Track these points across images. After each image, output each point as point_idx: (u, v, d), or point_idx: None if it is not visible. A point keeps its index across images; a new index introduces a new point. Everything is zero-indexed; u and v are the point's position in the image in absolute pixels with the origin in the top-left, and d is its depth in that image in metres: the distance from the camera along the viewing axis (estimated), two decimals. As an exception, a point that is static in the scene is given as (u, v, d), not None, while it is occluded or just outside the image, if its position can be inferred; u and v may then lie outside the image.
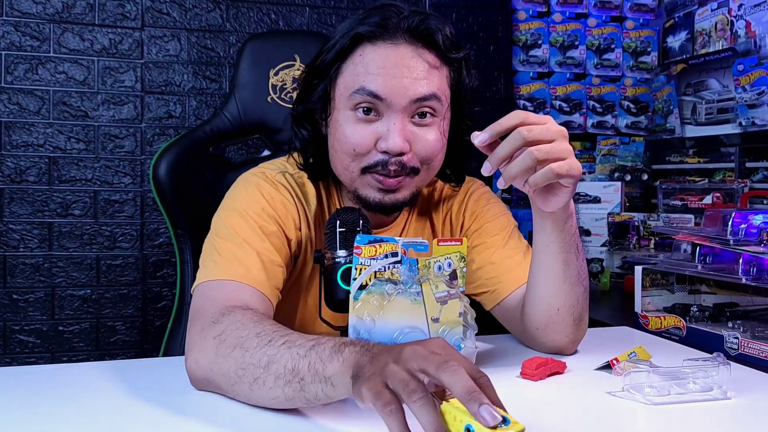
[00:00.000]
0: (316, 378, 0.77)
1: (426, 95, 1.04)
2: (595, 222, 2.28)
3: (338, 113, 1.07)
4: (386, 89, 1.03)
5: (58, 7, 2.07)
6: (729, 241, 1.24)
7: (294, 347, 0.80)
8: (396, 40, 1.04)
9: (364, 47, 1.05)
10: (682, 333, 1.32)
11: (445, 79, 1.09)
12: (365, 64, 1.04)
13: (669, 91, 2.45)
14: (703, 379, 0.91)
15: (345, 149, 1.06)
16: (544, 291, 1.05)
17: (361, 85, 1.03)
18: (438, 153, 1.09)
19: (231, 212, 1.09)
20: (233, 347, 0.85)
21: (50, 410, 0.85)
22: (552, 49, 2.60)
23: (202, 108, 2.19)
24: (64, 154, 2.09)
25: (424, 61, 1.05)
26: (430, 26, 1.05)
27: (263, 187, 1.11)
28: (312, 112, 1.13)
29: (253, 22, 2.23)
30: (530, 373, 0.97)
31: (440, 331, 0.97)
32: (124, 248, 2.14)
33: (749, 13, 2.21)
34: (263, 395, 0.82)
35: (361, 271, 0.97)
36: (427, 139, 1.06)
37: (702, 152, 2.39)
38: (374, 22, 1.05)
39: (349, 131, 1.05)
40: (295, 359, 0.79)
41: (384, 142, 1.03)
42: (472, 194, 1.25)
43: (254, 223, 1.05)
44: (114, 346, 2.13)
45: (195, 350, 0.90)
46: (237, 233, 1.04)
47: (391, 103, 1.03)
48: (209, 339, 0.88)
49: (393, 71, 1.03)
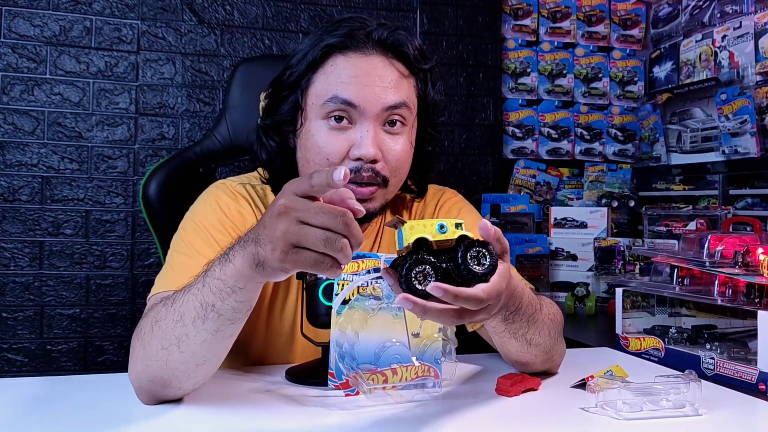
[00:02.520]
0: (223, 294, 0.81)
1: (397, 103, 1.07)
2: (582, 247, 2.30)
3: (310, 123, 1.09)
4: (359, 97, 1.05)
5: (56, 30, 2.11)
6: (705, 263, 1.27)
7: (192, 288, 0.85)
8: (367, 50, 1.08)
9: (336, 57, 1.08)
10: (661, 354, 1.34)
11: (413, 89, 1.12)
12: (337, 74, 1.07)
13: (655, 119, 2.50)
14: (675, 396, 0.93)
15: (318, 159, 1.08)
16: (507, 353, 1.07)
17: (333, 94, 1.06)
18: (406, 162, 1.12)
19: (188, 225, 1.12)
20: (151, 329, 0.89)
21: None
22: (540, 77, 2.65)
23: (195, 130, 2.22)
24: (57, 174, 2.11)
25: (395, 69, 1.08)
26: (399, 38, 1.09)
27: (221, 198, 1.14)
28: (280, 124, 1.15)
29: (246, 47, 2.27)
30: (505, 389, 0.98)
31: (421, 345, 0.99)
32: (114, 268, 2.15)
33: (732, 44, 2.26)
34: (195, 349, 0.85)
35: (343, 287, 0.99)
36: (396, 148, 1.09)
37: (687, 180, 2.43)
38: (344, 33, 1.08)
39: (321, 140, 1.07)
40: (198, 295, 0.83)
41: (357, 149, 1.05)
42: (444, 204, 1.27)
43: (208, 235, 1.07)
44: (102, 366, 2.13)
45: (130, 364, 0.92)
46: (191, 245, 1.06)
47: (364, 110, 1.05)
48: (137, 345, 0.91)
49: (365, 80, 1.06)
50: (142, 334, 0.90)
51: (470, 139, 2.50)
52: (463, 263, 0.75)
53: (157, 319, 0.88)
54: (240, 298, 0.82)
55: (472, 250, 0.76)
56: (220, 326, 0.84)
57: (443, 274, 0.75)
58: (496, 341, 1.05)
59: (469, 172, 2.49)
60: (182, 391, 0.92)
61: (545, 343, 1.04)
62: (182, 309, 0.85)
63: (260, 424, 0.88)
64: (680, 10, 2.54)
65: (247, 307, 0.84)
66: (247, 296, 0.82)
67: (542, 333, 1.02)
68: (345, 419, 0.89)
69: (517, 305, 0.92)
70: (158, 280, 1.05)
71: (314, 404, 0.95)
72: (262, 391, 1.01)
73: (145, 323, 0.91)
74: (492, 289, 0.77)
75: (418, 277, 0.74)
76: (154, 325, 0.88)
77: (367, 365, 0.96)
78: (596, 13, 2.71)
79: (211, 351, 0.87)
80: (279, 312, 1.18)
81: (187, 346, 0.85)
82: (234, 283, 0.80)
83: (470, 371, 1.14)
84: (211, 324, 0.83)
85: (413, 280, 0.74)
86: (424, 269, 0.74)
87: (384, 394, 0.97)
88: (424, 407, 0.94)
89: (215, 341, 0.85)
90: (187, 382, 0.90)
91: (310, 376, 1.05)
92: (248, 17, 2.28)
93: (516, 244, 2.29)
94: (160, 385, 0.90)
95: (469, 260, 0.76)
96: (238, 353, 1.17)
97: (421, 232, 0.76)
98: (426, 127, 1.18)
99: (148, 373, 0.89)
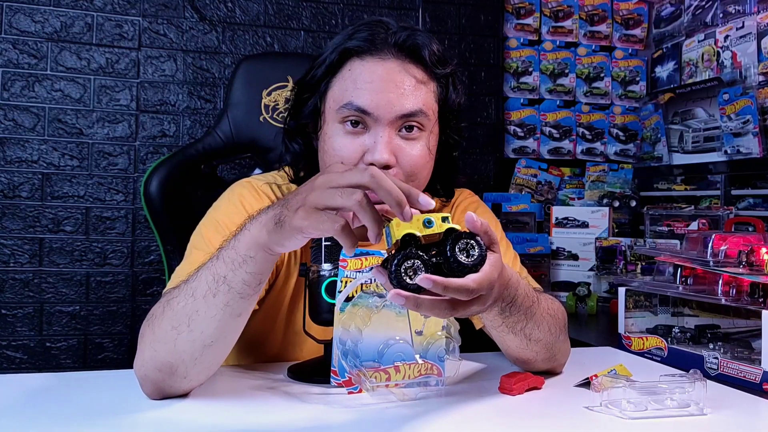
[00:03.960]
0: (234, 264, 0.84)
1: (412, 111, 1.06)
2: (583, 246, 2.30)
3: (328, 126, 1.09)
4: (373, 104, 1.04)
5: (57, 27, 2.10)
6: (709, 262, 1.26)
7: (207, 264, 0.87)
8: (384, 55, 1.06)
9: (353, 62, 1.08)
10: (664, 353, 1.33)
11: (432, 94, 1.10)
12: (353, 79, 1.06)
13: (657, 119, 2.49)
14: (680, 395, 0.93)
15: (333, 162, 1.08)
16: (507, 349, 1.07)
17: (348, 100, 1.05)
18: (423, 167, 1.10)
19: (209, 222, 1.12)
20: (163, 311, 0.90)
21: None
22: (542, 77, 2.65)
23: (196, 127, 2.21)
24: (58, 171, 2.10)
25: (411, 76, 1.07)
26: (417, 42, 1.08)
27: (245, 197, 1.14)
28: (304, 126, 1.15)
29: (248, 45, 2.27)
30: (509, 387, 0.98)
31: (424, 343, 0.98)
32: (114, 265, 2.14)
33: (735, 44, 2.26)
34: (204, 327, 0.87)
35: (346, 284, 0.98)
36: (412, 153, 1.07)
37: (689, 180, 2.42)
38: (363, 37, 1.07)
39: (337, 144, 1.07)
40: (211, 268, 0.86)
41: (370, 155, 1.05)
42: (459, 204, 1.27)
43: (228, 233, 1.06)
44: (102, 363, 2.13)
45: (137, 354, 0.93)
46: (211, 243, 1.05)
47: (378, 117, 1.05)
48: (146, 330, 0.92)
49: (380, 86, 1.05)
50: (153, 318, 0.91)
51: (472, 138, 2.49)
52: (451, 255, 0.76)
53: (170, 299, 0.90)
54: (250, 269, 0.84)
55: (460, 242, 0.77)
56: (229, 300, 0.85)
57: (433, 267, 0.76)
58: (496, 338, 1.05)
59: (470, 171, 2.48)
60: (187, 380, 0.91)
61: (546, 339, 1.03)
62: (194, 285, 0.87)
63: (262, 421, 0.87)
64: (683, 10, 2.53)
65: (257, 281, 0.86)
66: (257, 268, 0.84)
67: (541, 328, 1.01)
68: (348, 417, 0.89)
69: (513, 296, 0.92)
70: (174, 274, 1.05)
71: (317, 402, 0.95)
72: (264, 389, 1.01)
73: (157, 307, 0.92)
74: (483, 279, 0.77)
75: (408, 273, 0.75)
76: (166, 305, 0.90)
77: (371, 363, 0.95)
78: (598, 13, 2.70)
79: (219, 330, 0.87)
80: (298, 311, 1.17)
81: (196, 324, 0.86)
82: (245, 251, 0.83)
83: (473, 369, 1.13)
84: (222, 297, 0.85)
85: (403, 275, 0.74)
86: (414, 264, 0.75)
87: (387, 391, 0.96)
88: (427, 405, 0.94)
89: (224, 317, 0.86)
90: (193, 368, 0.90)
91: (312, 373, 1.04)
92: (250, 14, 2.27)
93: (517, 243, 2.29)
94: (166, 373, 0.90)
95: (458, 252, 0.77)
96: (253, 349, 1.18)
97: (408, 228, 0.77)
98: (449, 130, 1.17)
99: (155, 359, 0.90)
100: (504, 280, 0.86)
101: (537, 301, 1.00)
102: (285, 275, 1.16)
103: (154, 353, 0.89)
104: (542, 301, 1.03)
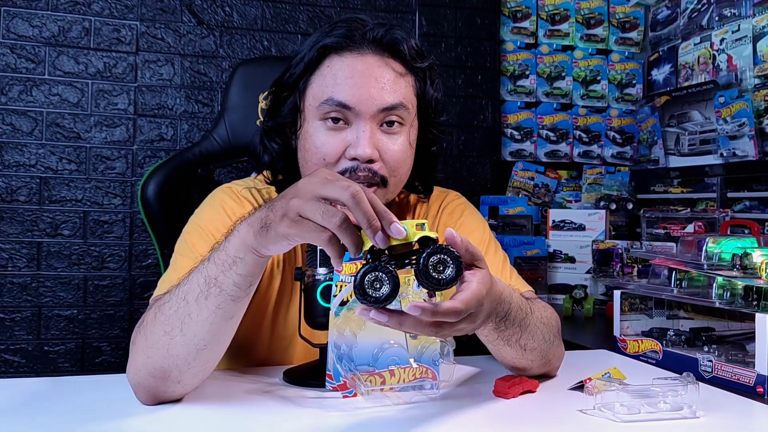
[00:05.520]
0: (225, 266, 0.84)
1: (393, 104, 1.07)
2: (580, 249, 2.31)
3: (308, 124, 1.10)
4: (354, 99, 1.05)
5: (54, 31, 2.11)
6: (703, 265, 1.27)
7: (198, 267, 0.87)
8: (362, 50, 1.07)
9: (332, 58, 1.08)
10: (659, 356, 1.34)
11: (411, 88, 1.11)
12: (333, 75, 1.07)
13: (653, 122, 2.50)
14: (673, 398, 0.93)
15: (315, 159, 1.08)
16: (503, 359, 1.06)
17: (329, 96, 1.06)
18: (405, 161, 1.11)
19: (192, 229, 1.12)
20: (154, 317, 0.90)
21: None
22: (539, 80, 2.65)
23: (194, 131, 2.22)
24: (56, 175, 2.11)
25: (390, 69, 1.08)
26: (395, 36, 1.09)
27: (226, 202, 1.15)
28: (282, 126, 1.15)
29: (245, 49, 2.27)
30: (503, 391, 0.98)
31: (419, 347, 0.99)
32: (112, 269, 2.15)
33: (731, 47, 2.26)
34: (197, 330, 0.87)
35: (341, 288, 0.99)
36: (394, 148, 1.08)
37: (686, 182, 2.43)
38: (340, 33, 1.08)
39: (318, 141, 1.08)
40: (202, 271, 0.86)
41: (353, 149, 1.05)
42: (446, 207, 1.27)
43: (212, 238, 1.07)
44: (99, 367, 2.13)
45: (130, 361, 0.93)
46: (194, 248, 1.06)
47: (359, 112, 1.05)
48: (138, 337, 0.92)
49: (360, 81, 1.06)
50: (144, 325, 0.91)
51: (469, 141, 2.50)
52: (423, 269, 0.74)
53: (161, 304, 0.90)
54: (240, 270, 0.84)
55: (434, 257, 0.74)
56: (221, 303, 0.85)
57: (398, 280, 0.73)
58: (491, 350, 1.04)
59: (467, 173, 2.49)
60: (181, 385, 0.92)
61: (540, 348, 1.03)
62: (186, 288, 0.87)
63: (258, 424, 0.88)
64: (679, 13, 2.54)
65: (247, 284, 0.86)
66: (247, 269, 0.84)
67: (536, 337, 1.01)
68: (342, 421, 0.89)
69: (506, 311, 0.92)
70: (161, 282, 1.06)
71: (312, 406, 0.95)
72: (259, 393, 1.01)
73: (149, 314, 0.92)
74: (470, 298, 0.76)
75: (375, 285, 0.72)
76: (157, 311, 0.90)
77: (365, 367, 0.96)
78: (595, 16, 2.71)
79: (211, 333, 0.88)
80: (284, 315, 1.18)
81: (189, 328, 0.87)
82: (235, 252, 0.83)
83: (468, 373, 1.14)
84: (213, 300, 0.85)
85: (367, 288, 0.72)
86: (377, 276, 0.72)
87: (382, 395, 0.97)
88: (422, 409, 0.94)
89: (216, 320, 0.87)
90: (187, 372, 0.90)
91: (307, 377, 1.05)
92: (247, 19, 2.28)
93: (514, 246, 2.29)
94: (159, 379, 0.90)
95: (430, 267, 0.74)
96: (242, 354, 1.18)
97: None
98: (428, 126, 1.17)
99: (149, 365, 0.90)
100: (495, 295, 0.86)
101: (530, 311, 1.00)
102: (268, 279, 1.16)
103: (147, 359, 0.90)
104: (535, 310, 1.03)
